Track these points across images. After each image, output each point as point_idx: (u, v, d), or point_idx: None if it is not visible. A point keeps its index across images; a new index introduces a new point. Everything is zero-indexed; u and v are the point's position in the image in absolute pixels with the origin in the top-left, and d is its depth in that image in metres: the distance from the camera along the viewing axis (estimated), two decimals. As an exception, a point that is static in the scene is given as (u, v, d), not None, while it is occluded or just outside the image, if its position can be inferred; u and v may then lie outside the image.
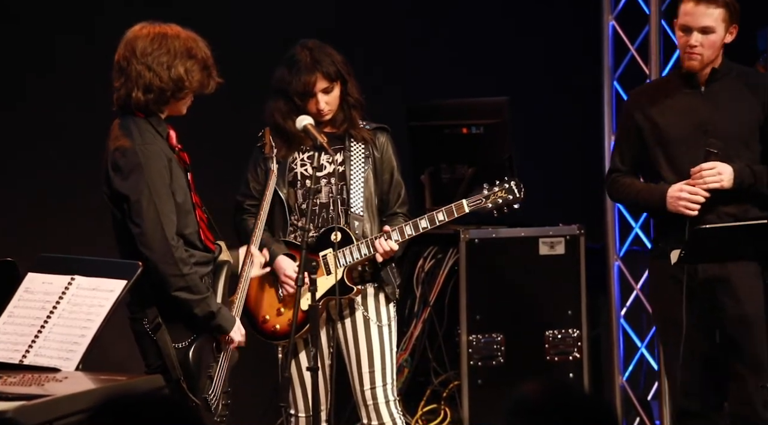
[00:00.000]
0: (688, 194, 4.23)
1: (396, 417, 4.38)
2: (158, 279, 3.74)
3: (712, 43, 4.25)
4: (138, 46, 3.77)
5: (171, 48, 3.77)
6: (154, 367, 3.77)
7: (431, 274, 5.41)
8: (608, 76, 5.67)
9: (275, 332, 4.39)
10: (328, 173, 4.37)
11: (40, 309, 3.51)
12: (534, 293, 5.43)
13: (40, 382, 3.24)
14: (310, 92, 4.29)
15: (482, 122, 5.44)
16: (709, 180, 4.23)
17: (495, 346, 5.36)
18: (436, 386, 5.43)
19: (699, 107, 4.33)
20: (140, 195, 3.73)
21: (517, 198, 4.35)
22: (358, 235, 4.33)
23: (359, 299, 4.38)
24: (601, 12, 5.66)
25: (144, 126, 3.79)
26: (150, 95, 3.77)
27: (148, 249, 3.72)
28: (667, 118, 4.36)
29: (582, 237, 5.44)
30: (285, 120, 4.31)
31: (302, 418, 4.41)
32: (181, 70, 3.76)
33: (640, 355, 5.75)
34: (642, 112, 4.40)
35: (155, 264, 3.72)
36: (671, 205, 4.26)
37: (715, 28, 4.24)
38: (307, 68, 4.28)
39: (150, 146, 3.76)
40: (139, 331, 3.81)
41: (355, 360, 4.37)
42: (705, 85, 4.34)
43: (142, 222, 3.73)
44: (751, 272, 4.19)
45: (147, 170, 3.74)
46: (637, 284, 5.64)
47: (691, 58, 4.28)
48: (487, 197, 4.35)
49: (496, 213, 4.37)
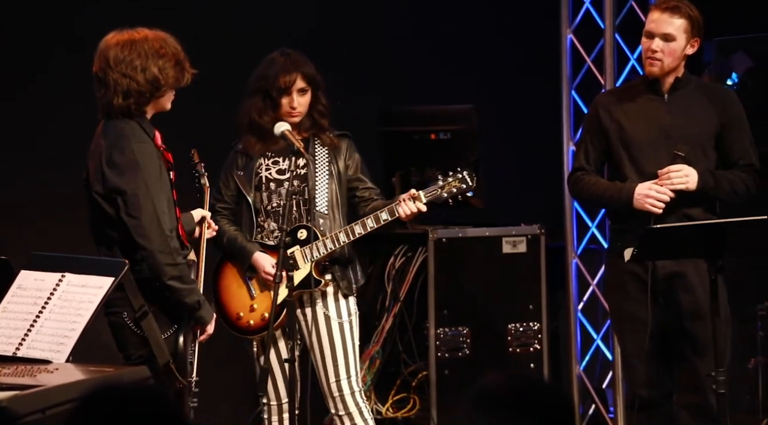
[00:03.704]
0: (656, 192, 4.26)
1: (362, 406, 4.40)
2: (153, 268, 3.74)
3: (672, 51, 4.28)
4: (110, 55, 3.78)
5: (141, 51, 3.78)
6: (135, 358, 3.76)
7: (401, 271, 5.41)
8: (566, 85, 5.69)
9: (249, 327, 4.41)
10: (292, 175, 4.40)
11: (33, 305, 3.50)
12: (497, 289, 5.44)
13: (32, 373, 3.23)
14: (288, 90, 4.33)
15: (450, 128, 5.45)
16: (677, 181, 4.26)
17: (461, 339, 5.37)
18: (405, 376, 5.43)
19: (662, 113, 4.36)
20: (137, 190, 3.73)
21: (470, 186, 4.35)
22: (323, 231, 4.35)
23: (320, 298, 4.39)
24: (560, 26, 5.68)
25: (134, 127, 3.80)
26: (130, 100, 3.78)
27: (146, 239, 3.72)
28: (632, 121, 4.38)
29: (542, 237, 5.46)
30: (261, 116, 4.34)
31: (274, 406, 4.42)
32: (155, 70, 3.77)
33: (596, 347, 5.78)
34: (609, 114, 4.41)
35: (152, 254, 3.73)
36: (638, 202, 4.27)
37: (676, 36, 4.27)
38: (288, 67, 4.34)
39: (144, 144, 3.78)
40: (118, 324, 3.79)
41: (320, 356, 4.38)
42: (668, 93, 4.37)
43: (139, 215, 3.73)
44: (702, 269, 4.22)
45: (143, 166, 3.75)
46: (594, 281, 5.67)
47: (652, 63, 4.31)
48: (442, 187, 4.36)
49: (452, 202, 4.37)
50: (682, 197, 4.26)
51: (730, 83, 5.73)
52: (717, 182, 4.30)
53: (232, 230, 4.43)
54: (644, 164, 4.33)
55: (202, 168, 4.17)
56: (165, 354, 3.73)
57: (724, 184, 4.31)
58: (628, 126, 4.37)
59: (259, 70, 4.40)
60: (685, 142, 4.31)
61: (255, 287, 4.43)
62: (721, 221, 4.22)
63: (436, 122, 5.50)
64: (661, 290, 4.29)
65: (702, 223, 4.21)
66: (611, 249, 4.50)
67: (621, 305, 4.39)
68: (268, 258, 4.35)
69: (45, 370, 3.27)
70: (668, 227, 4.13)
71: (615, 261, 4.40)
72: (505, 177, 5.83)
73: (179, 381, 3.73)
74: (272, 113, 4.34)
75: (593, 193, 4.43)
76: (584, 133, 4.55)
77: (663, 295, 4.30)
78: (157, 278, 3.76)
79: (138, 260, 3.76)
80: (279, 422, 4.44)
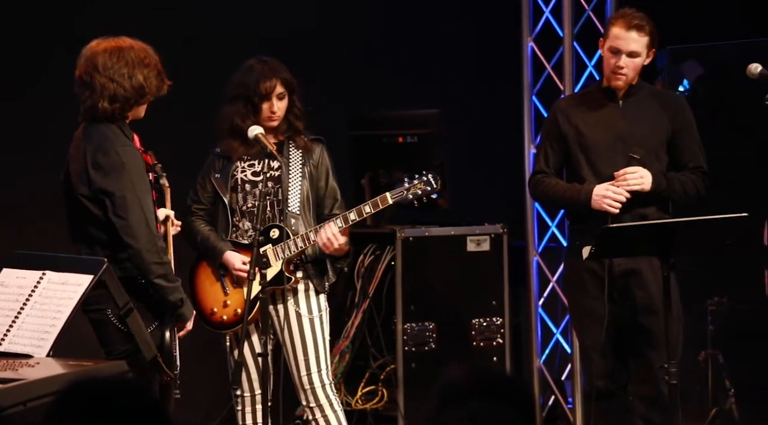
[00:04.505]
0: (612, 193, 4.28)
1: (331, 398, 4.40)
2: (140, 267, 3.74)
3: (636, 66, 4.34)
4: (98, 61, 3.77)
5: (128, 59, 3.78)
6: (118, 353, 3.74)
7: (370, 269, 5.42)
8: (527, 91, 5.71)
9: (223, 322, 4.40)
10: (266, 177, 4.39)
11: (14, 301, 3.48)
12: (462, 286, 5.45)
13: (14, 367, 3.21)
14: (268, 95, 4.33)
15: (416, 131, 5.46)
16: (632, 183, 4.29)
17: (427, 333, 5.37)
18: (374, 369, 5.44)
19: (618, 119, 4.39)
20: (125, 191, 3.73)
21: (435, 189, 4.36)
22: (295, 231, 4.35)
23: (292, 295, 4.39)
24: (521, 34, 5.70)
25: (116, 130, 3.79)
26: (116, 104, 3.77)
27: (133, 239, 3.72)
28: (589, 126, 4.41)
29: (505, 236, 5.48)
30: (244, 121, 4.35)
31: (247, 398, 4.42)
32: (141, 78, 3.77)
33: (555, 341, 5.80)
34: (567, 120, 4.44)
35: (139, 252, 3.72)
36: (596, 203, 4.30)
37: (641, 53, 4.32)
38: (267, 74, 4.35)
39: (128, 147, 3.78)
40: (101, 320, 3.77)
41: (291, 350, 4.38)
42: (623, 100, 4.41)
43: (127, 215, 3.73)
44: (656, 266, 4.25)
45: (129, 168, 3.76)
46: (554, 278, 5.68)
47: (618, 78, 4.35)
48: (408, 189, 4.36)
49: (417, 203, 4.38)
50: (637, 198, 4.30)
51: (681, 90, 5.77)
52: (669, 184, 4.34)
53: (206, 230, 4.42)
54: (601, 166, 4.36)
55: (161, 169, 4.15)
56: (152, 349, 3.72)
57: (676, 185, 4.36)
58: (586, 131, 4.40)
59: (238, 78, 4.40)
60: (639, 146, 4.35)
61: (228, 284, 4.42)
62: (672, 220, 4.26)
63: (404, 126, 5.50)
64: (617, 286, 4.33)
65: (654, 222, 4.24)
66: (570, 248, 4.52)
67: (579, 301, 4.41)
68: (238, 256, 4.35)
69: (26, 364, 3.26)
70: (623, 226, 4.16)
71: (574, 259, 4.43)
72: (469, 179, 5.84)
73: (166, 374, 3.72)
74: (253, 118, 4.35)
75: (553, 195, 4.45)
76: (543, 137, 4.57)
77: (618, 291, 4.33)
78: (144, 276, 3.75)
79: (122, 259, 3.74)
80: (252, 413, 4.43)
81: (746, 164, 5.61)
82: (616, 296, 4.33)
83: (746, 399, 5.51)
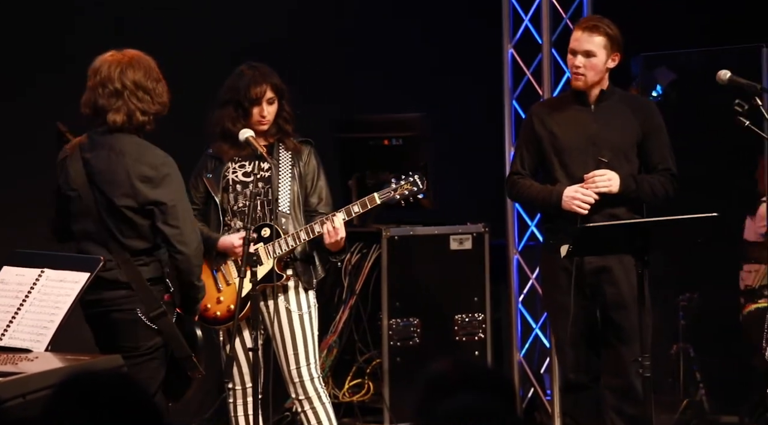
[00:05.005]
0: (582, 195, 4.30)
1: (320, 391, 4.41)
2: (188, 271, 3.78)
3: (594, 66, 4.34)
4: (129, 73, 3.74)
5: (153, 74, 3.80)
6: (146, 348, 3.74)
7: (357, 266, 5.42)
8: (508, 96, 5.72)
9: (216, 318, 4.40)
10: (257, 178, 4.38)
11: (14, 298, 3.47)
12: (445, 283, 5.46)
13: (14, 361, 3.22)
14: (258, 100, 4.34)
15: (401, 134, 5.46)
16: (601, 185, 4.31)
17: (412, 329, 5.38)
18: (361, 363, 5.44)
19: (589, 123, 4.41)
20: (175, 201, 3.74)
21: (420, 189, 4.37)
22: (286, 230, 4.35)
23: (282, 292, 4.38)
24: (502, 41, 5.71)
25: (146, 142, 3.80)
26: (146, 117, 3.77)
27: (185, 246, 3.75)
28: (562, 130, 4.43)
29: (486, 234, 5.48)
30: (235, 124, 4.35)
31: (239, 390, 4.41)
32: (165, 95, 3.79)
33: (535, 335, 5.80)
34: (542, 124, 4.46)
35: (189, 258, 3.76)
36: (566, 204, 4.32)
37: (596, 52, 4.33)
38: (258, 79, 4.36)
39: (169, 158, 3.76)
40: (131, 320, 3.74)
41: (281, 345, 4.39)
42: (594, 104, 4.43)
43: (180, 224, 3.74)
44: (627, 263, 4.26)
45: (175, 178, 3.78)
46: (533, 275, 5.69)
47: (577, 78, 4.38)
48: (395, 189, 4.37)
49: (403, 203, 4.39)
50: (606, 199, 4.33)
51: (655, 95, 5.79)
52: (638, 186, 4.37)
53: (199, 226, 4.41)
54: (573, 169, 4.38)
55: None
56: (185, 349, 3.74)
57: (645, 187, 4.38)
58: (560, 134, 4.42)
59: (229, 83, 4.41)
60: (609, 149, 4.37)
61: (222, 281, 4.42)
62: (646, 220, 4.28)
63: (389, 129, 5.50)
64: (588, 283, 4.35)
65: (628, 222, 4.25)
66: (545, 246, 4.54)
67: (554, 297, 4.43)
68: (230, 236, 4.34)
69: (26, 358, 3.26)
70: (599, 225, 4.17)
71: (549, 257, 4.45)
72: (452, 179, 5.84)
73: (199, 371, 3.76)
74: (243, 121, 4.35)
75: (527, 195, 4.48)
76: (519, 140, 4.60)
77: (590, 287, 4.35)
78: (187, 278, 3.79)
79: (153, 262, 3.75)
80: (243, 405, 4.43)
81: (716, 165, 5.63)
82: (588, 292, 4.35)
83: (715, 391, 5.53)
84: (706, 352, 5.59)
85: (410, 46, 6.12)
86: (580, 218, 4.28)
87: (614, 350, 4.36)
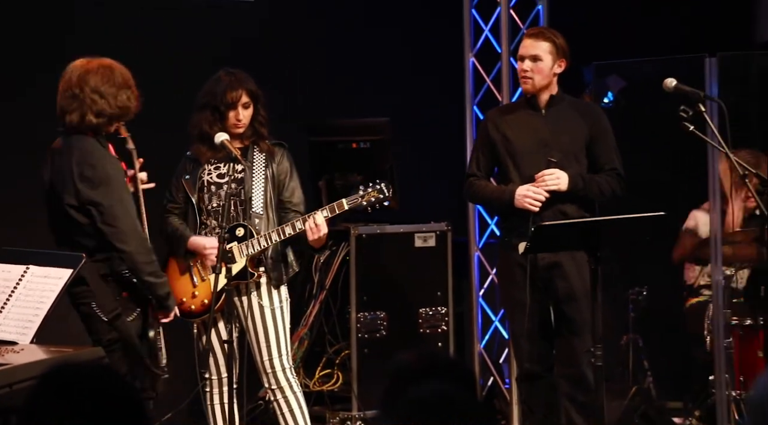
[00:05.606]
0: (533, 193, 4.34)
1: (291, 381, 4.43)
2: (133, 268, 3.77)
3: (540, 70, 4.41)
4: (90, 77, 3.77)
5: (116, 80, 3.79)
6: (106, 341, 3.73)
7: (327, 263, 5.42)
8: (469, 102, 5.74)
9: (191, 311, 4.40)
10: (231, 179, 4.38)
11: (1, 293, 3.45)
12: (410, 278, 5.47)
13: (0, 353, 3.21)
14: (234, 104, 4.35)
15: (368, 138, 5.47)
16: (550, 183, 4.36)
17: (379, 322, 5.39)
18: (330, 354, 5.45)
19: (541, 126, 4.47)
20: (112, 201, 3.74)
21: (387, 197, 4.39)
22: (259, 230, 4.35)
23: (255, 288, 4.39)
24: (463, 50, 5.74)
25: (95, 143, 3.77)
26: (101, 119, 3.77)
27: (124, 244, 3.75)
28: (515, 134, 4.48)
29: (449, 232, 5.51)
30: (211, 127, 4.36)
31: (215, 380, 4.42)
32: (125, 98, 3.77)
33: (494, 327, 5.82)
34: (496, 128, 4.51)
35: (130, 255, 3.76)
36: (518, 202, 4.37)
37: (543, 57, 4.40)
38: (234, 85, 4.37)
39: (111, 158, 3.76)
40: (88, 313, 3.76)
41: (255, 337, 4.40)
42: (545, 109, 4.48)
43: (116, 223, 3.75)
44: (579, 259, 4.31)
45: (115, 179, 3.77)
46: (493, 271, 5.70)
47: (525, 81, 4.46)
48: (362, 196, 4.38)
49: (370, 209, 4.40)
50: (556, 197, 4.38)
51: (606, 101, 5.85)
52: (586, 184, 4.43)
53: (177, 223, 4.45)
54: (525, 169, 4.44)
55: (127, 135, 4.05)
56: (139, 351, 3.73)
57: (592, 186, 4.44)
58: (513, 137, 4.48)
59: (207, 88, 4.42)
60: (560, 150, 4.43)
61: (197, 276, 4.42)
62: (598, 219, 4.34)
63: (357, 133, 5.52)
64: (542, 277, 4.40)
65: (581, 220, 4.30)
66: (501, 243, 4.59)
67: (510, 293, 4.48)
68: (203, 238, 4.34)
69: (12, 350, 3.27)
70: (554, 224, 4.21)
71: (505, 253, 4.50)
72: (416, 181, 5.86)
73: (152, 371, 3.77)
74: (220, 125, 4.37)
75: (483, 195, 4.54)
76: (475, 144, 4.66)
77: (543, 282, 4.40)
78: (135, 275, 3.79)
79: (107, 259, 3.76)
80: (219, 395, 4.44)
81: (662, 168, 5.69)
82: (541, 286, 4.40)
83: (662, 379, 5.60)
84: (654, 343, 5.66)
85: (379, 54, 6.13)
86: (532, 215, 4.32)
87: (567, 341, 4.42)
